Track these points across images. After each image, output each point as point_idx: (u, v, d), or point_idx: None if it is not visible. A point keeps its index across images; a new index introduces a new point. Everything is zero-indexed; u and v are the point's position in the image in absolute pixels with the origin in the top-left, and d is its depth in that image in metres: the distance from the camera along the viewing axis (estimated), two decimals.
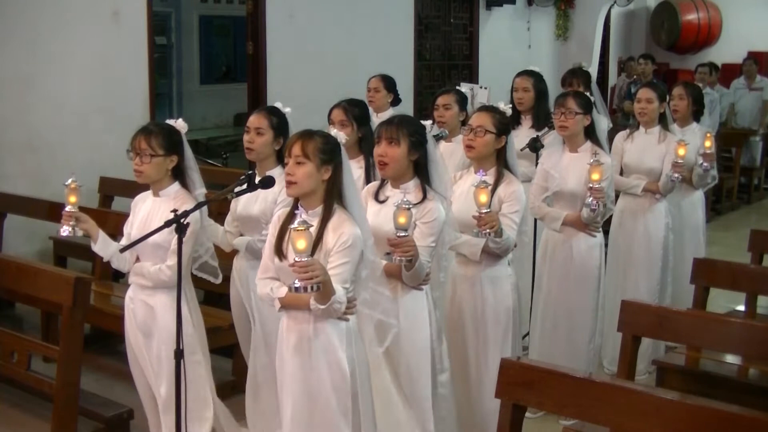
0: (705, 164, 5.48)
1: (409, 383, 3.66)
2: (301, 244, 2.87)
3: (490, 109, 4.10)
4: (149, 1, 7.20)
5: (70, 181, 3.67)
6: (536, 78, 5.59)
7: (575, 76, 5.98)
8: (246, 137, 4.05)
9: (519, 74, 5.66)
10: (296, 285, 2.92)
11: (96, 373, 5.02)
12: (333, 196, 3.22)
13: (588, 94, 5.00)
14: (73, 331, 3.92)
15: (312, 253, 3.06)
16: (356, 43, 9.01)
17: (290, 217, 3.26)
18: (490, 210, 3.71)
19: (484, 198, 3.68)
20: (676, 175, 5.13)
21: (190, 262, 3.79)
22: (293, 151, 3.19)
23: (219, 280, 3.95)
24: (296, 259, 2.90)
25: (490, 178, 3.96)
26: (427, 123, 3.76)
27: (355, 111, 4.37)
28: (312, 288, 2.92)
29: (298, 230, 2.88)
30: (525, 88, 5.55)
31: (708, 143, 5.49)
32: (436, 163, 3.68)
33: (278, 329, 3.35)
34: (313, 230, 3.12)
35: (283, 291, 3.20)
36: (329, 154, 3.21)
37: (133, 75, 7.12)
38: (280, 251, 3.22)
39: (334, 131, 3.32)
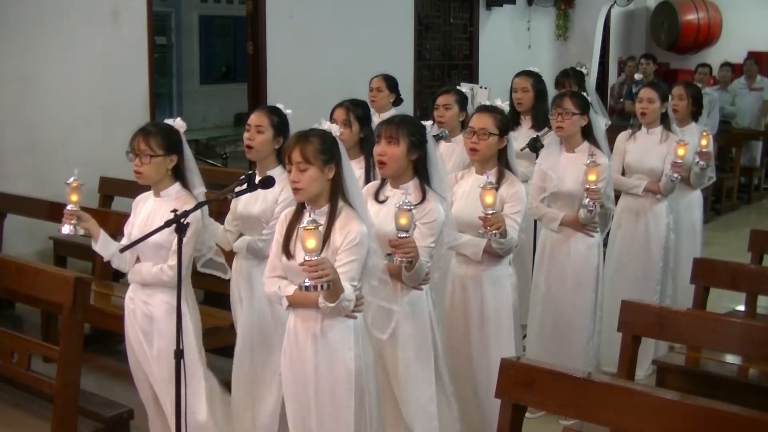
0: (702, 162, 5.49)
1: (411, 384, 3.66)
2: (311, 243, 2.88)
3: (489, 110, 4.09)
4: (149, 1, 7.19)
5: (72, 179, 3.66)
6: (535, 78, 5.59)
7: (567, 77, 5.98)
8: (246, 135, 4.05)
9: (518, 75, 5.66)
10: (306, 284, 2.92)
11: (96, 373, 5.02)
12: (338, 193, 3.22)
13: (584, 94, 5.00)
14: (73, 331, 3.92)
15: (319, 252, 3.07)
16: (356, 43, 9.00)
17: (297, 215, 3.26)
18: (495, 211, 3.71)
19: (490, 199, 3.68)
20: (675, 175, 5.12)
21: (191, 262, 3.79)
22: (293, 158, 3.18)
23: (228, 276, 3.96)
24: (306, 258, 2.90)
25: (492, 179, 3.96)
26: (428, 123, 3.76)
27: (358, 111, 4.38)
28: (322, 287, 2.92)
29: (307, 229, 2.89)
30: (524, 89, 5.56)
31: (704, 141, 5.49)
32: (435, 163, 3.68)
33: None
34: (321, 229, 3.12)
35: (290, 289, 3.21)
36: (329, 153, 3.20)
37: (133, 75, 7.12)
38: (287, 250, 3.22)
39: (326, 125, 3.30)
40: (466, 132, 4.15)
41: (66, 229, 3.65)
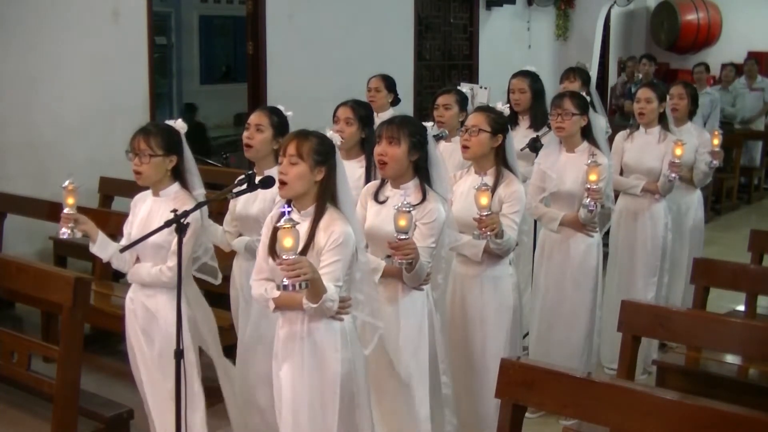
0: (714, 162, 5.53)
1: (409, 384, 3.66)
2: (288, 242, 2.87)
3: (484, 109, 4.12)
4: (149, 1, 7.20)
5: (67, 183, 3.67)
6: (532, 78, 5.60)
7: (573, 71, 5.99)
8: (246, 134, 4.06)
9: (515, 75, 5.66)
10: (284, 283, 2.91)
11: (96, 373, 5.02)
12: (325, 196, 3.21)
13: (584, 93, 5.00)
14: (73, 331, 3.92)
15: (304, 253, 3.07)
16: (356, 43, 9.00)
17: (281, 216, 3.26)
18: (490, 212, 3.71)
19: (484, 200, 3.68)
20: (673, 175, 5.13)
21: (191, 263, 3.79)
22: (288, 151, 3.19)
23: (218, 281, 3.95)
24: (283, 257, 2.89)
25: (489, 179, 3.97)
26: (429, 124, 3.77)
27: (361, 111, 4.42)
28: (300, 286, 2.90)
29: (284, 228, 2.87)
30: (521, 89, 5.56)
31: (716, 141, 5.53)
32: (436, 163, 3.69)
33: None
34: (304, 230, 3.12)
35: (277, 292, 3.20)
36: (323, 155, 3.20)
37: (133, 75, 7.12)
38: (273, 252, 3.22)
39: (329, 132, 3.31)
40: (461, 131, 4.16)
41: (64, 232, 3.65)
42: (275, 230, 3.23)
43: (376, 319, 3.39)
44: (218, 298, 5.04)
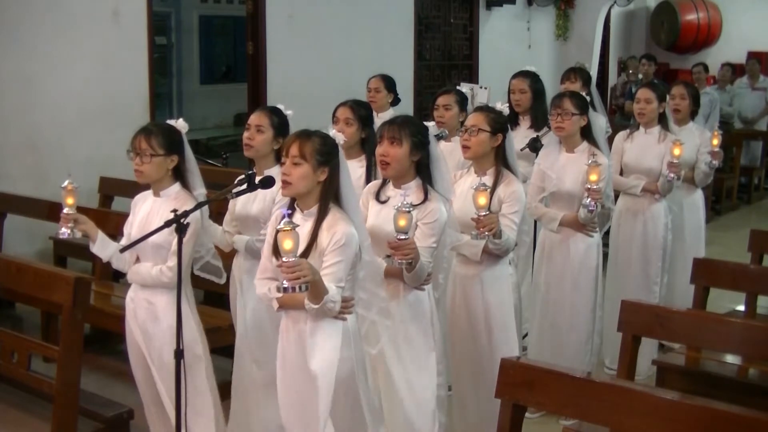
0: (714, 162, 5.53)
1: (412, 384, 3.66)
2: (288, 244, 2.88)
3: (484, 109, 4.12)
4: (149, 1, 7.20)
5: (66, 182, 3.67)
6: (532, 78, 5.60)
7: (574, 72, 6.00)
8: (246, 134, 4.05)
9: (515, 76, 5.66)
10: (284, 285, 2.92)
11: (96, 373, 5.02)
12: (329, 196, 3.22)
13: (585, 93, 4.99)
14: (73, 331, 3.91)
15: (307, 253, 3.07)
16: (356, 43, 9.01)
17: (283, 218, 3.26)
18: (489, 212, 3.71)
19: (483, 200, 3.68)
20: (672, 175, 5.12)
21: (191, 263, 3.79)
22: (290, 152, 3.19)
23: (223, 280, 3.96)
24: (283, 259, 2.90)
25: (489, 179, 3.97)
26: (430, 124, 3.76)
27: (361, 111, 4.42)
28: (300, 288, 2.92)
29: (284, 230, 2.88)
30: (521, 90, 5.56)
31: (715, 141, 5.53)
32: (438, 163, 3.68)
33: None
34: (307, 230, 3.12)
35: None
36: (326, 155, 3.20)
37: (133, 75, 7.13)
38: (277, 252, 3.22)
39: (332, 132, 3.31)
40: (460, 132, 4.16)
41: (64, 232, 3.65)
42: (278, 232, 3.24)
43: (383, 318, 3.39)
44: (218, 298, 5.06)
